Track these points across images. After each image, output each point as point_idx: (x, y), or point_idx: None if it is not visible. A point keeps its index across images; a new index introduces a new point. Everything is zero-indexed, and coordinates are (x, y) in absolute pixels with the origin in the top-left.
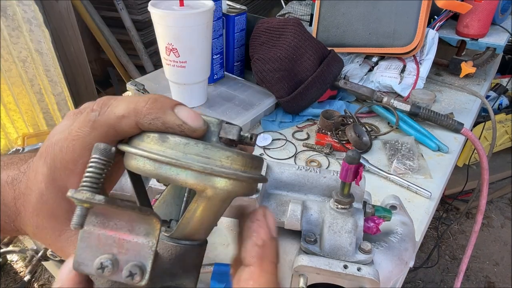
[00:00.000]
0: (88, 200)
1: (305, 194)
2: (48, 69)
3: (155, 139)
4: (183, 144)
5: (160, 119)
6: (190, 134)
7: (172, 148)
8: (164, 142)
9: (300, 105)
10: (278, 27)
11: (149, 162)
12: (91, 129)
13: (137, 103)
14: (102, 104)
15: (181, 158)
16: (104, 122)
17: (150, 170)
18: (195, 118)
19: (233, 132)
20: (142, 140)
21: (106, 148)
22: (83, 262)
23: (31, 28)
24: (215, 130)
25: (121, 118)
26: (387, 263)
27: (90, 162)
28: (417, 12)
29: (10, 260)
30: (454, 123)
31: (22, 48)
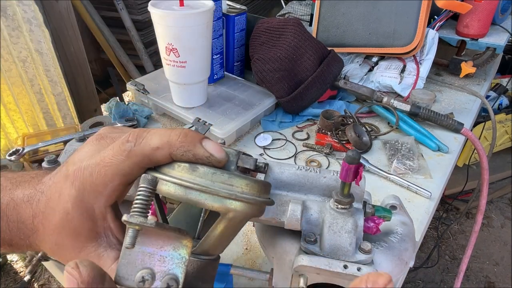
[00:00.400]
0: (141, 224)
1: (305, 194)
2: (48, 69)
3: (186, 168)
4: (211, 173)
5: (191, 151)
6: (216, 165)
7: (202, 176)
8: (194, 171)
9: (300, 105)
10: (278, 27)
11: (180, 188)
12: (126, 157)
13: (170, 136)
14: (137, 136)
15: (210, 185)
16: (140, 152)
17: (181, 195)
18: (219, 150)
19: (250, 162)
20: (173, 169)
21: (153, 179)
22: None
23: (31, 28)
24: (233, 160)
25: (156, 150)
26: (387, 263)
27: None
28: (417, 12)
29: (10, 260)
30: (454, 123)
31: (22, 48)
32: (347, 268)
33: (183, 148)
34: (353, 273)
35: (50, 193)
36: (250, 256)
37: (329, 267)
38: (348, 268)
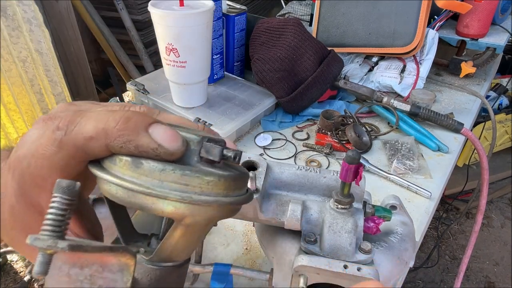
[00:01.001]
0: (50, 248)
1: (305, 194)
2: (48, 69)
3: (128, 163)
4: (158, 170)
5: (133, 142)
6: (166, 158)
7: (147, 175)
8: (137, 168)
9: (300, 105)
10: (278, 27)
11: (122, 189)
12: (57, 148)
13: (106, 122)
14: (69, 122)
15: (156, 186)
16: (71, 142)
17: (123, 197)
18: (172, 139)
19: (215, 152)
20: (114, 163)
21: (70, 185)
22: None
23: (31, 28)
24: (195, 148)
25: (89, 140)
26: (387, 263)
27: (52, 202)
28: (417, 12)
29: (10, 260)
30: (454, 123)
31: (22, 48)
32: (347, 268)
33: (122, 138)
34: (353, 273)
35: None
36: (250, 256)
37: (329, 267)
38: (348, 268)
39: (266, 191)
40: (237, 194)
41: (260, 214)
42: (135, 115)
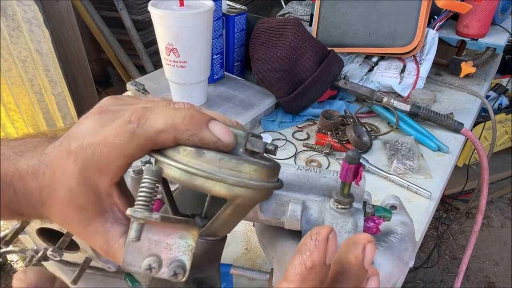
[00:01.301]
0: (145, 218)
1: (305, 194)
2: (48, 69)
3: (191, 153)
4: (218, 159)
5: (198, 135)
6: (223, 149)
7: (208, 162)
8: (200, 157)
9: (300, 105)
10: (278, 27)
11: (185, 173)
12: (129, 139)
13: (175, 118)
14: (140, 117)
15: (217, 172)
16: (143, 135)
17: (187, 180)
18: (227, 133)
19: (259, 145)
20: (178, 152)
21: (158, 169)
22: (131, 263)
23: (31, 28)
24: (241, 142)
25: (160, 132)
26: (387, 263)
27: (143, 182)
28: (417, 12)
29: (10, 260)
30: (454, 123)
31: (22, 48)
32: None
33: (188, 132)
34: None
35: (53, 167)
36: (250, 256)
37: None
38: None
39: None
40: (274, 181)
41: (260, 214)
42: (197, 113)
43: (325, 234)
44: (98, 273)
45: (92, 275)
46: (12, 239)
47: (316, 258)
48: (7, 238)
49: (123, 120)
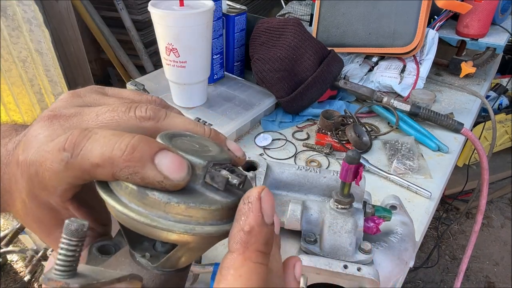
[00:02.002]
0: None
1: (305, 194)
2: (48, 69)
3: (134, 192)
4: (163, 203)
5: (139, 174)
6: (171, 189)
7: (152, 206)
8: (143, 199)
9: (300, 105)
10: (278, 27)
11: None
12: (64, 168)
13: (113, 150)
14: (75, 145)
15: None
16: (78, 166)
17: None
18: (178, 169)
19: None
20: (120, 188)
21: (78, 228)
22: None
23: (31, 28)
24: (200, 173)
25: (96, 167)
26: (387, 263)
27: (62, 243)
28: (417, 12)
29: (10, 260)
30: (454, 123)
31: (22, 48)
32: (347, 268)
33: (128, 169)
34: (353, 273)
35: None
36: None
37: (329, 267)
38: (348, 268)
39: None
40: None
41: None
42: (142, 143)
43: (256, 194)
44: None
45: None
46: (12, 239)
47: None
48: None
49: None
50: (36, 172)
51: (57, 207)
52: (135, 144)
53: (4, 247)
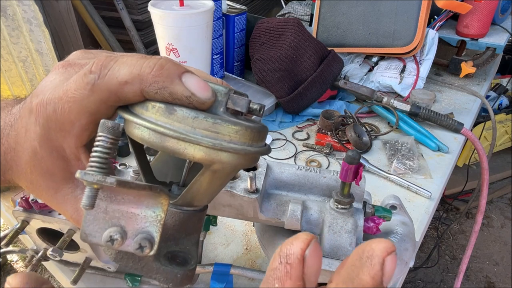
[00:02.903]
0: (98, 183)
1: (305, 194)
2: (48, 69)
3: (161, 110)
4: (191, 117)
5: (168, 89)
6: (198, 107)
7: (180, 121)
8: (171, 115)
9: (300, 105)
10: (278, 27)
11: (155, 134)
12: (89, 92)
13: (141, 68)
14: (102, 66)
15: (190, 133)
16: (105, 87)
17: (156, 142)
18: (204, 88)
19: (241, 104)
20: (146, 109)
21: (114, 126)
22: (90, 233)
23: (31, 28)
24: (222, 100)
25: (124, 84)
26: None
27: (97, 141)
28: (417, 12)
29: (10, 260)
30: (454, 123)
31: (22, 48)
32: None
33: (157, 84)
34: None
35: (17, 127)
36: (250, 256)
37: (329, 267)
38: None
39: (266, 191)
40: (260, 145)
41: (260, 214)
42: (169, 63)
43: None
44: (98, 273)
45: (92, 275)
46: (12, 239)
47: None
48: (7, 238)
49: (84, 71)
50: (54, 110)
51: (70, 155)
52: (162, 63)
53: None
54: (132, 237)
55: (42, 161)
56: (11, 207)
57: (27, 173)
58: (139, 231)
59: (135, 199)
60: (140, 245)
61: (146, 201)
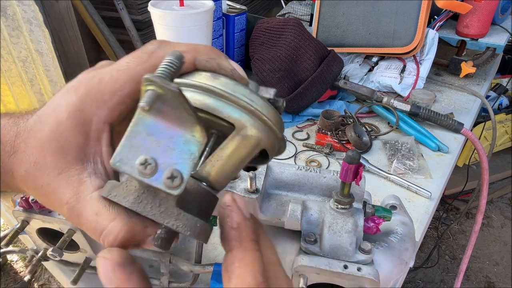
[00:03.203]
0: (163, 85)
1: (305, 194)
2: (48, 69)
3: (207, 76)
4: (233, 84)
5: (216, 60)
6: (238, 80)
7: (223, 85)
8: (215, 80)
9: (300, 105)
10: (278, 27)
11: (199, 92)
12: (147, 59)
13: (196, 44)
14: (161, 42)
15: (230, 92)
16: (163, 53)
17: (198, 99)
18: (242, 72)
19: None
20: (193, 76)
21: (180, 56)
22: (122, 160)
23: (31, 28)
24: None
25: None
26: (387, 263)
27: (165, 60)
28: (417, 12)
29: (10, 260)
30: (454, 123)
31: (22, 48)
32: (347, 268)
33: (208, 56)
34: (353, 273)
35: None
36: None
37: (329, 267)
38: (348, 268)
39: (266, 191)
40: (281, 132)
41: (260, 214)
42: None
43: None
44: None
45: (92, 275)
46: (12, 239)
47: (236, 217)
48: (7, 238)
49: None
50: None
51: (93, 132)
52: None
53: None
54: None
55: (63, 134)
56: (11, 207)
57: (37, 150)
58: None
59: (174, 132)
60: (172, 174)
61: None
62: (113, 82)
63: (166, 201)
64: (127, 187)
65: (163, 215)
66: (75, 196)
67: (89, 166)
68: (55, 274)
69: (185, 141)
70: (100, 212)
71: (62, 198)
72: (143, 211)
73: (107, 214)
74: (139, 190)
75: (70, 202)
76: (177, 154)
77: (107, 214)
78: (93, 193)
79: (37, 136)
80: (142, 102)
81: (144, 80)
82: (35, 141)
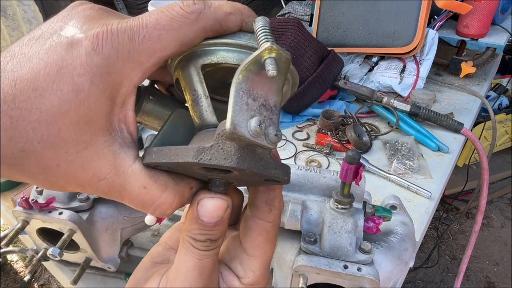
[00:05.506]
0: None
1: (305, 194)
2: None
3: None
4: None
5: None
6: None
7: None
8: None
9: (300, 105)
10: (278, 27)
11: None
12: (194, 20)
13: (238, 4)
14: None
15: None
16: (212, 15)
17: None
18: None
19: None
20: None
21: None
22: (238, 123)
23: (31, 28)
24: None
25: (229, 15)
26: (387, 263)
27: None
28: (417, 12)
29: (10, 260)
30: (454, 123)
31: None
32: (347, 268)
33: (251, 17)
34: (353, 273)
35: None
36: None
37: (329, 267)
38: (348, 268)
39: None
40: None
41: None
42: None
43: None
44: (98, 273)
45: (92, 275)
46: (12, 239)
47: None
48: (7, 238)
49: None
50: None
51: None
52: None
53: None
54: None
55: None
56: (11, 207)
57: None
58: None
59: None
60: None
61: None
62: (154, 41)
63: (264, 155)
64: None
65: (265, 166)
66: (113, 171)
67: (117, 135)
68: (55, 274)
69: (274, 103)
70: (148, 184)
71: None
72: (248, 168)
73: (155, 186)
74: (239, 150)
75: (109, 177)
76: (271, 114)
77: (156, 186)
78: (134, 165)
79: (38, 109)
80: (271, 70)
81: (267, 48)
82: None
